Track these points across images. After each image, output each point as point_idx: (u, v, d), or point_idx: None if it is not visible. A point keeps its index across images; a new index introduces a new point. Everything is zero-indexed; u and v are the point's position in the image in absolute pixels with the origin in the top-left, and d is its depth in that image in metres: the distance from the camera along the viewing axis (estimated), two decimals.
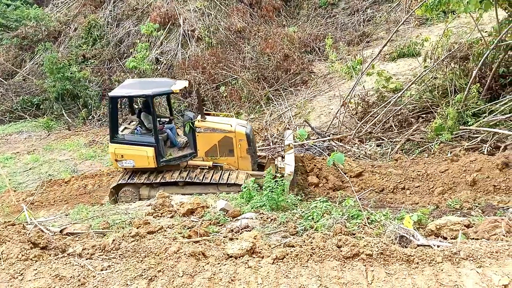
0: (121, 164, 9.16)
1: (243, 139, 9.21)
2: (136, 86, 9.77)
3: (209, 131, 9.21)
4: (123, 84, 9.88)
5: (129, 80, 11.11)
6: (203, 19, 19.39)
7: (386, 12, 19.32)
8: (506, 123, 9.81)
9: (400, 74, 14.43)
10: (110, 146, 9.33)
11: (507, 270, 3.97)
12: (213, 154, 9.32)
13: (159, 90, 9.17)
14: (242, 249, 4.49)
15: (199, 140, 9.26)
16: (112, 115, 9.19)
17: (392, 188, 9.03)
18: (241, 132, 9.25)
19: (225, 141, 9.22)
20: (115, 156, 9.13)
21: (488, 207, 7.32)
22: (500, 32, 10.33)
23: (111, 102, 9.12)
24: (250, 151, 9.32)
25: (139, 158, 9.00)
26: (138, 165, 9.11)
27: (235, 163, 9.33)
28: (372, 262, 4.25)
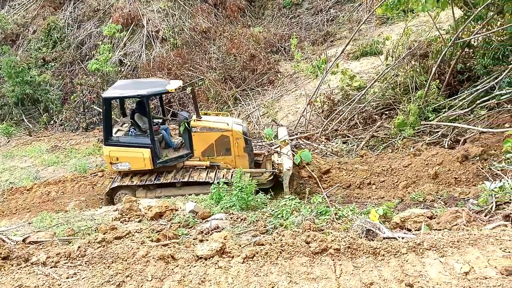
0: (116, 167, 8.95)
1: (240, 138, 9.17)
2: (129, 86, 9.56)
3: (206, 130, 9.11)
4: (115, 85, 9.63)
5: (121, 81, 10.82)
6: (167, 20, 19.15)
7: (348, 12, 19.70)
8: (465, 118, 10.20)
9: (364, 73, 14.74)
10: (104, 149, 9.09)
11: (468, 258, 4.13)
12: (210, 154, 9.23)
13: (154, 90, 9.00)
14: (211, 250, 4.47)
15: (195, 140, 9.14)
16: (106, 117, 8.97)
17: (358, 183, 9.23)
18: (238, 130, 9.20)
19: (222, 140, 9.15)
20: (109, 159, 8.92)
21: (450, 199, 7.60)
22: (456, 29, 10.74)
23: (104, 103, 8.89)
24: (247, 150, 9.28)
25: (135, 160, 8.81)
26: (134, 167, 8.93)
27: (232, 162, 9.26)
28: (340, 256, 4.33)
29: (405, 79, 11.92)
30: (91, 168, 11.84)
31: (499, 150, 8.31)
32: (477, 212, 5.85)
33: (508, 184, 5.97)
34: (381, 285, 3.85)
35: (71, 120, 16.94)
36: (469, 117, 10.12)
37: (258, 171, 9.30)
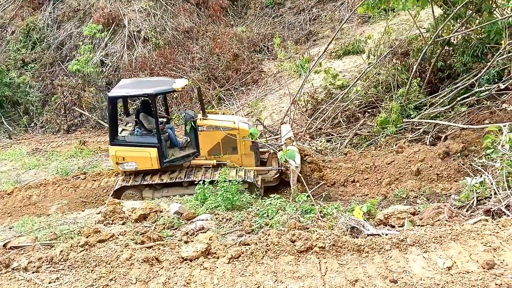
0: (123, 167, 8.81)
1: (247, 136, 9.08)
2: (135, 85, 9.42)
3: (212, 129, 9.00)
4: (120, 84, 9.47)
5: (125, 80, 10.61)
6: (149, 20, 18.96)
7: (330, 11, 19.82)
8: (446, 114, 10.37)
9: (346, 71, 14.86)
10: (110, 149, 8.95)
11: (450, 253, 4.20)
12: (216, 153, 9.12)
13: (161, 89, 8.89)
14: (196, 251, 4.44)
15: (202, 139, 9.04)
16: (112, 117, 8.82)
17: (342, 181, 9.29)
18: (245, 129, 9.11)
19: (228, 139, 9.06)
20: (116, 159, 8.78)
21: (432, 195, 7.73)
22: (436, 28, 10.91)
23: (110, 102, 8.75)
24: (254, 148, 9.23)
25: (141, 159, 8.70)
26: (141, 167, 8.80)
27: (239, 161, 9.16)
28: (325, 254, 4.35)
29: (387, 78, 12.05)
30: (73, 170, 11.66)
31: (479, 146, 8.47)
32: (459, 208, 5.94)
33: (488, 180, 6.07)
34: (366, 282, 3.88)
35: (52, 122, 16.64)
36: (450, 114, 10.29)
37: (265, 169, 9.29)
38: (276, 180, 9.28)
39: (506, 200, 5.34)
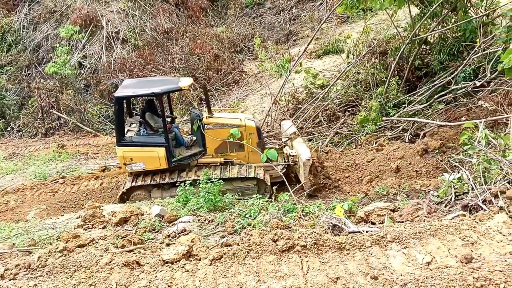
0: (130, 168, 8.69)
1: (254, 133, 9.08)
2: (140, 85, 9.31)
3: (218, 127, 8.97)
4: (124, 85, 9.32)
5: (128, 80, 10.42)
6: (128, 20, 18.74)
7: (310, 11, 19.94)
8: (424, 112, 10.55)
9: (326, 71, 14.96)
10: (117, 150, 8.81)
11: (430, 248, 4.26)
12: (223, 150, 9.06)
13: (167, 88, 8.80)
14: (178, 254, 4.40)
15: (209, 137, 8.98)
16: (118, 117, 8.69)
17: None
18: (252, 125, 9.11)
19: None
20: (123, 160, 8.65)
21: (411, 191, 7.84)
22: (413, 27, 11.08)
23: (117, 103, 8.61)
24: (260, 144, 9.20)
25: (149, 159, 8.60)
26: (149, 167, 8.69)
27: (246, 158, 9.15)
28: (306, 253, 4.37)
29: (366, 76, 12.19)
30: (52, 175, 11.42)
31: (456, 142, 8.63)
32: (438, 204, 6.04)
33: (465, 175, 6.19)
34: (347, 279, 3.91)
35: (29, 126, 16.28)
36: (428, 111, 10.46)
37: (272, 165, 9.29)
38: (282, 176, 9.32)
39: (482, 195, 5.45)
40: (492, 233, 4.31)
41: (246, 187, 8.68)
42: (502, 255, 3.91)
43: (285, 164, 9.29)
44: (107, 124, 15.90)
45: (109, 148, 13.23)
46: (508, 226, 4.33)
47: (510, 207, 4.96)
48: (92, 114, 16.13)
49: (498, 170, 5.66)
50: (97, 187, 10.13)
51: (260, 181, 8.74)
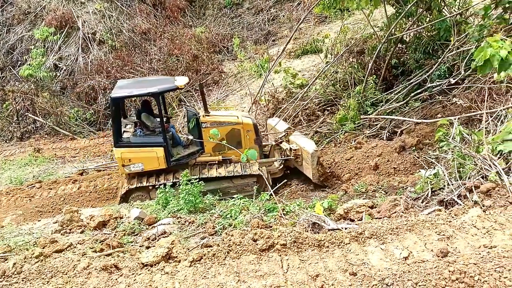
0: (129, 169, 8.58)
1: (251, 130, 9.13)
2: (135, 85, 9.21)
3: (216, 125, 8.92)
4: (119, 85, 9.18)
5: (122, 81, 10.25)
6: (104, 21, 18.49)
7: (288, 11, 20.03)
8: (401, 110, 10.72)
9: (305, 70, 15.07)
10: (115, 151, 8.71)
11: (407, 243, 4.33)
12: (220, 148, 9.01)
13: (164, 87, 8.71)
14: (157, 256, 4.36)
15: (206, 136, 8.93)
16: (116, 118, 8.56)
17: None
18: (249, 122, 9.15)
19: (233, 134, 9.03)
20: (122, 161, 8.54)
21: (390, 188, 7.96)
22: (389, 26, 11.25)
23: (113, 104, 8.47)
24: (257, 141, 9.23)
25: (148, 160, 8.53)
26: (148, 167, 8.61)
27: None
28: (286, 251, 4.38)
29: (344, 76, 12.31)
30: (28, 179, 11.18)
31: (432, 139, 8.80)
32: (414, 199, 6.14)
33: (441, 171, 6.32)
34: (327, 276, 3.94)
35: (4, 130, 15.89)
36: (405, 109, 10.63)
37: (270, 161, 9.33)
38: (281, 171, 9.44)
39: (458, 190, 5.57)
40: (467, 227, 4.41)
41: (246, 184, 8.74)
42: (477, 248, 4.00)
43: (284, 159, 9.38)
44: (84, 127, 15.65)
45: (87, 151, 13.03)
46: (482, 220, 4.43)
47: (484, 202, 5.08)
48: (69, 117, 15.85)
49: (472, 166, 5.79)
50: (75, 191, 9.97)
51: (260, 177, 8.76)
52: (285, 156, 9.46)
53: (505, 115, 6.87)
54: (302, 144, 9.03)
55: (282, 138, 9.52)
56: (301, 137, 9.48)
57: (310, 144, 8.98)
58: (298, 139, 9.33)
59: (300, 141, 9.22)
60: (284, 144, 9.49)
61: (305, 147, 8.86)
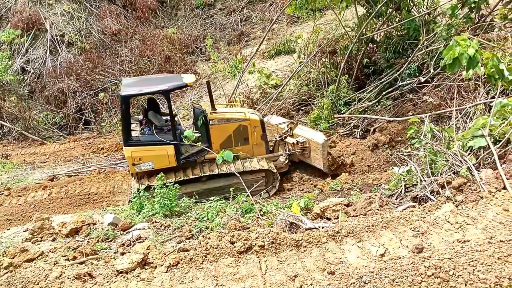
0: (139, 168, 8.39)
1: (258, 126, 9.10)
2: (144, 83, 9.02)
3: (223, 122, 8.90)
4: (126, 84, 8.90)
5: (128, 79, 9.89)
6: (73, 23, 18.05)
7: (261, 11, 20.06)
8: (373, 108, 10.89)
9: (279, 71, 15.11)
10: (125, 150, 8.46)
11: (383, 240, 4.38)
12: (228, 145, 8.93)
13: (174, 84, 8.54)
14: (132, 263, 4.26)
15: (213, 133, 8.86)
16: (126, 117, 8.32)
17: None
18: (256, 119, 9.13)
19: (240, 130, 8.99)
20: (132, 160, 8.34)
21: (364, 186, 8.06)
22: (360, 26, 11.42)
23: (123, 102, 8.23)
24: (264, 137, 9.24)
25: (158, 158, 8.37)
26: (158, 165, 8.42)
27: (250, 151, 9.16)
28: (264, 253, 4.36)
29: (317, 76, 12.42)
30: None
31: (404, 137, 8.97)
32: (389, 196, 6.25)
33: (414, 168, 6.45)
34: (305, 276, 3.94)
35: None
36: (377, 108, 10.81)
37: (276, 155, 9.39)
38: (286, 166, 9.51)
39: (430, 186, 5.69)
40: (440, 222, 4.50)
41: (255, 179, 8.76)
42: (451, 243, 4.08)
43: (289, 154, 9.47)
44: (54, 131, 15.22)
45: (57, 156, 12.67)
46: (455, 215, 4.53)
47: (456, 197, 5.21)
48: (38, 121, 15.38)
49: (443, 162, 5.93)
50: (45, 198, 9.66)
51: (268, 172, 8.84)
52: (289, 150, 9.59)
53: (473, 112, 7.06)
54: (310, 136, 9.17)
55: (286, 132, 9.60)
56: (307, 129, 9.65)
57: (319, 135, 9.15)
58: (304, 131, 9.48)
59: (307, 133, 9.36)
60: (288, 139, 9.57)
61: (314, 138, 9.02)
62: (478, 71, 6.14)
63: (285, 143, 9.68)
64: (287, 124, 9.66)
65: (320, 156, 8.89)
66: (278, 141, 9.73)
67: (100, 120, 15.20)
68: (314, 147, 9.00)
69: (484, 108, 6.98)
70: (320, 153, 8.87)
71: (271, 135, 9.74)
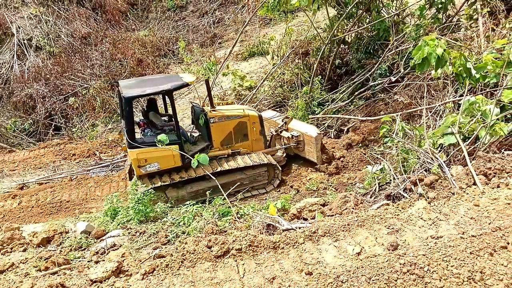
0: (145, 169, 8.23)
1: (256, 122, 9.23)
2: (144, 84, 8.80)
3: (224, 119, 8.93)
4: (125, 85, 8.67)
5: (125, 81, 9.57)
6: (41, 26, 17.57)
7: (233, 13, 20.04)
8: (346, 108, 11.03)
9: (253, 72, 15.13)
10: (131, 153, 8.24)
11: (358, 239, 4.43)
12: (228, 142, 9.06)
13: (176, 84, 8.41)
14: (107, 271, 4.16)
15: (214, 131, 8.89)
16: (130, 119, 8.11)
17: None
18: (254, 115, 9.27)
19: (240, 127, 9.09)
20: (138, 162, 8.17)
21: (339, 185, 8.15)
22: (332, 28, 11.55)
23: (127, 104, 7.98)
24: (262, 132, 9.39)
25: (164, 158, 8.25)
26: (164, 166, 8.33)
27: (249, 147, 9.29)
28: (242, 256, 4.34)
29: (291, 77, 12.49)
30: None
31: (377, 136, 9.12)
32: (363, 195, 6.33)
33: (387, 166, 6.55)
34: (283, 278, 3.94)
35: None
36: (350, 107, 10.95)
37: (274, 149, 9.53)
38: (284, 159, 9.65)
39: (403, 184, 5.80)
40: (414, 219, 4.58)
41: (258, 174, 8.88)
42: (424, 240, 4.16)
43: (285, 147, 9.64)
44: (23, 138, 14.76)
45: (27, 163, 12.27)
46: (428, 212, 4.62)
47: (429, 194, 5.32)
48: (6, 128, 14.88)
49: (415, 160, 6.06)
50: (15, 207, 9.33)
51: (270, 166, 8.93)
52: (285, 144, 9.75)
53: (443, 110, 7.24)
54: (304, 130, 9.35)
55: (282, 127, 9.73)
56: (300, 123, 9.81)
57: (312, 128, 9.33)
58: (298, 125, 9.65)
59: (300, 127, 9.53)
60: (284, 133, 9.71)
61: (308, 132, 9.20)
62: (447, 70, 6.31)
63: (280, 137, 9.88)
64: (282, 119, 9.84)
65: (314, 149, 9.11)
66: (274, 135, 9.90)
67: (71, 125, 14.83)
68: (308, 140, 9.22)
69: (453, 106, 7.16)
70: (314, 146, 9.09)
71: (267, 130, 9.89)
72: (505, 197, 4.49)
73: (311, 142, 9.10)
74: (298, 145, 9.46)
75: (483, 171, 5.24)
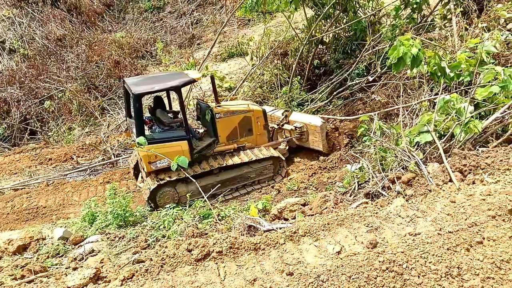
0: (155, 165, 8.23)
1: (261, 116, 9.34)
2: (152, 81, 8.73)
3: (229, 114, 9.03)
4: (132, 82, 8.55)
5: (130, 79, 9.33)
6: (14, 29, 17.15)
7: (211, 14, 19.96)
8: (325, 108, 11.10)
9: (232, 73, 15.10)
10: (140, 149, 8.10)
11: (338, 238, 4.45)
12: (233, 137, 9.15)
13: (184, 80, 8.39)
14: (84, 278, 4.07)
15: (220, 126, 8.96)
16: (139, 116, 8.02)
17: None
18: (259, 109, 9.38)
19: (244, 121, 9.17)
20: (148, 159, 8.14)
21: (320, 184, 8.19)
22: (310, 28, 11.61)
23: (136, 100, 7.89)
24: (266, 127, 9.50)
25: (174, 154, 7.90)
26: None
27: (254, 141, 9.37)
28: (223, 258, 4.31)
29: (270, 77, 12.52)
30: None
31: (356, 135, 9.21)
32: (343, 194, 6.38)
33: (366, 165, 6.63)
34: (264, 279, 3.93)
35: None
36: (329, 107, 11.03)
37: (277, 143, 9.64)
38: (287, 152, 9.78)
39: (381, 182, 5.87)
40: (392, 217, 4.63)
41: (264, 167, 9.01)
42: (403, 237, 4.21)
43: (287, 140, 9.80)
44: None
45: (2, 169, 11.96)
46: (406, 209, 4.68)
47: (406, 191, 5.40)
48: None
49: (393, 158, 6.14)
50: None
51: (275, 159, 9.11)
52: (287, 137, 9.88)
53: (419, 109, 7.36)
54: (308, 120, 9.50)
55: (283, 120, 9.84)
56: (302, 115, 9.96)
57: (316, 118, 9.47)
58: (300, 117, 9.77)
59: (303, 118, 9.67)
60: (286, 126, 9.83)
61: (312, 122, 9.36)
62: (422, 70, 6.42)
63: (282, 130, 10.01)
64: (282, 112, 9.97)
65: (319, 138, 9.29)
66: (276, 129, 10.01)
67: (47, 129, 14.52)
68: (312, 130, 9.39)
69: (428, 104, 7.28)
70: (319, 135, 9.27)
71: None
72: (480, 193, 4.59)
73: (316, 131, 9.32)
74: (301, 136, 9.62)
75: (459, 168, 5.34)
